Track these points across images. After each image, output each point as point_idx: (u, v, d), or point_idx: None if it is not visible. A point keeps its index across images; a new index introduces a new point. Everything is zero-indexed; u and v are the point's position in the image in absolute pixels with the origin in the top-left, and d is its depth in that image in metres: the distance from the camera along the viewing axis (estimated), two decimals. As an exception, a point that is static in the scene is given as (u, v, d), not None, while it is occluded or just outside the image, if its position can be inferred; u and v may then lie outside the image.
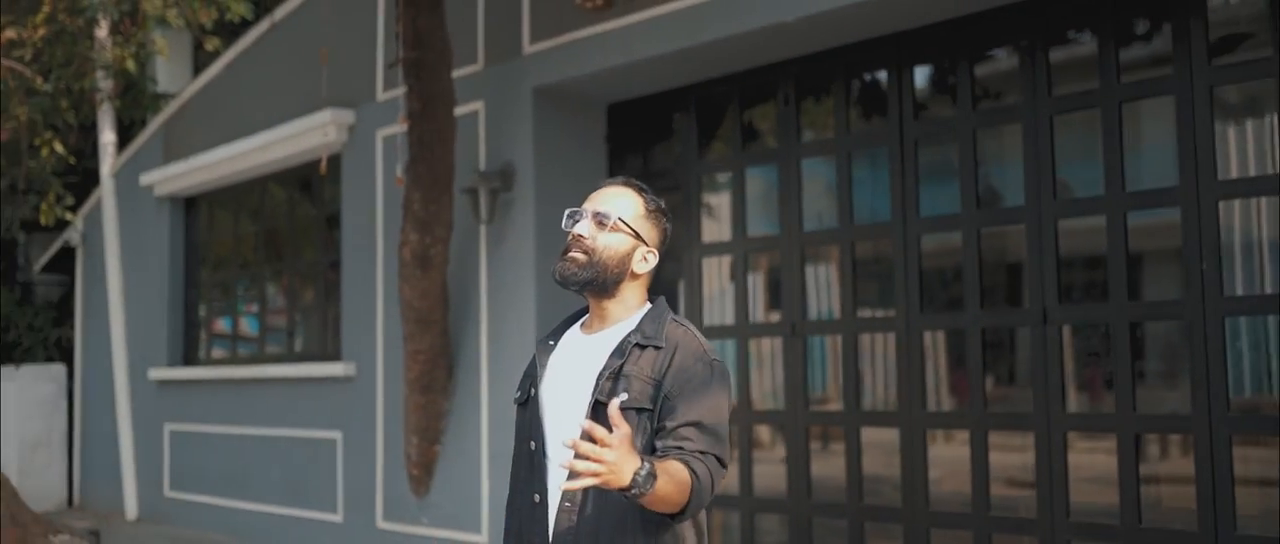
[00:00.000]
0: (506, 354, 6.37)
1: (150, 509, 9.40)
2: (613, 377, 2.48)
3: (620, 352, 2.52)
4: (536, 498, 2.55)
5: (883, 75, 5.63)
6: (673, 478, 2.31)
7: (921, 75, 5.58)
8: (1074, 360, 5.16)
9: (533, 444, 2.58)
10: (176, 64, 10.50)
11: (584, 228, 2.59)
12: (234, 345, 9.26)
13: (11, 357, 11.02)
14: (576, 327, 2.71)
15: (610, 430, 2.23)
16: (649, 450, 2.45)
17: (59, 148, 9.34)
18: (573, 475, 2.20)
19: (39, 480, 10.45)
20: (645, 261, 2.61)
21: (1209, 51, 4.56)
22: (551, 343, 2.67)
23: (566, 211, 2.64)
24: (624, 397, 2.43)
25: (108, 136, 9.83)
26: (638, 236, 2.60)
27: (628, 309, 2.61)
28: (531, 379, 2.65)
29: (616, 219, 2.58)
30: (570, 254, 2.58)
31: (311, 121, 7.59)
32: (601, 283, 2.57)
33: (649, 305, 2.64)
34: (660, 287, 6.47)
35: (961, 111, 5.30)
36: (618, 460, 2.19)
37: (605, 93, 6.55)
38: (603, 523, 2.46)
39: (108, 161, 9.81)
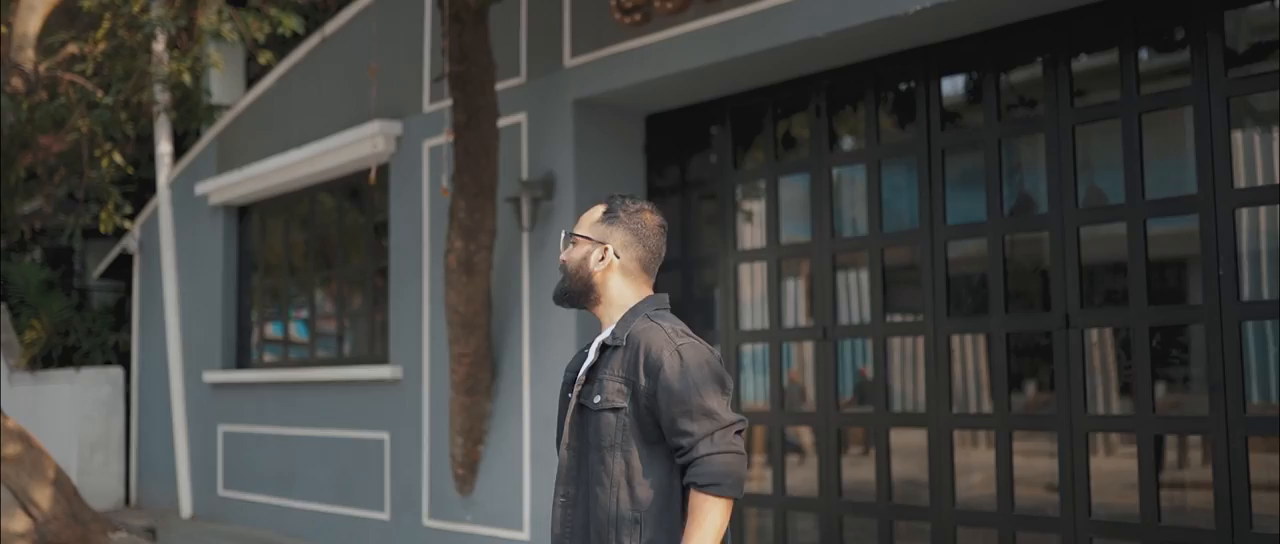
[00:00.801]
0: (548, 357, 6.59)
1: (204, 508, 9.71)
2: (589, 379, 2.68)
3: (594, 354, 2.71)
4: (562, 497, 2.74)
5: (911, 87, 5.81)
6: (705, 523, 2.50)
7: (948, 87, 5.75)
8: (1102, 363, 5.30)
9: (560, 446, 2.77)
10: (230, 77, 10.84)
11: (563, 254, 2.83)
12: (285, 349, 9.55)
13: (71, 360, 11.39)
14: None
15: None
16: (641, 438, 2.60)
17: (118, 158, 9.69)
18: None
19: (98, 480, 10.81)
20: (602, 261, 2.75)
21: (1226, 64, 4.71)
22: (586, 350, 2.84)
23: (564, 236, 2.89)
24: (598, 398, 2.63)
25: (164, 147, 10.16)
26: (590, 240, 2.77)
27: (617, 312, 2.76)
28: (567, 383, 2.85)
29: (572, 234, 2.81)
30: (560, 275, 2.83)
31: (360, 133, 7.86)
32: (576, 293, 2.78)
33: (642, 312, 2.74)
34: (692, 290, 6.69)
35: (987, 122, 5.46)
36: None
37: (643, 104, 6.76)
38: (591, 521, 2.63)
39: (164, 171, 10.14)
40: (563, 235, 2.84)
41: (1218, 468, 4.65)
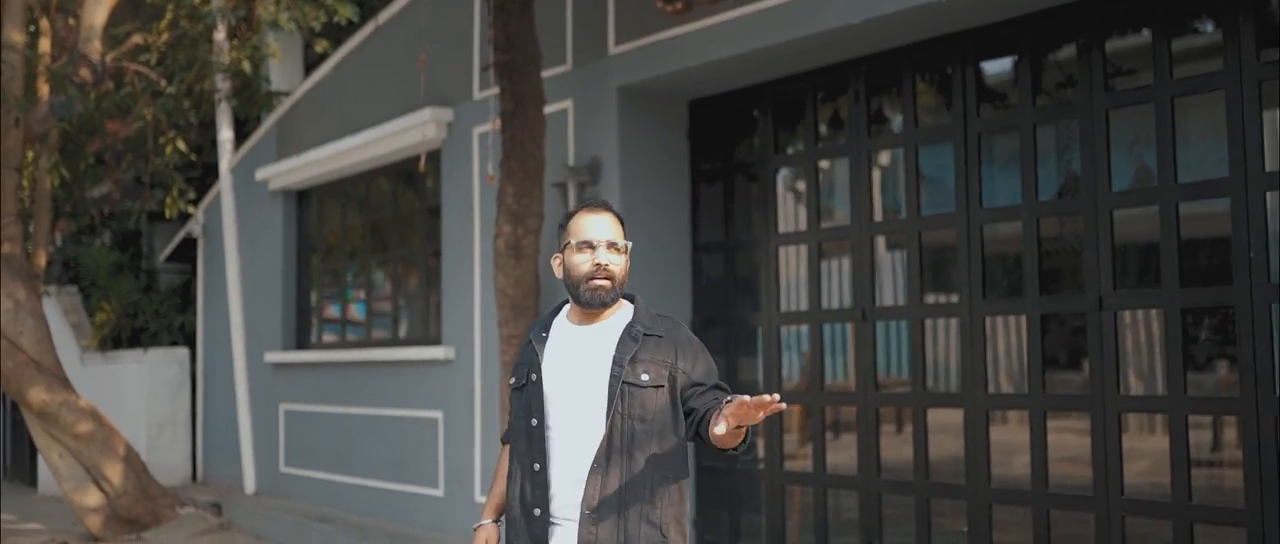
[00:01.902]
0: (593, 338, 6.74)
1: (267, 484, 10.03)
2: (634, 360, 2.97)
3: (633, 339, 3.00)
4: (536, 467, 3.02)
5: (948, 71, 5.88)
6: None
7: (984, 71, 5.81)
8: (1131, 344, 5.35)
9: (534, 421, 3.03)
10: (289, 65, 11.12)
11: (606, 256, 3.02)
12: (343, 330, 9.83)
13: (139, 341, 11.77)
14: (562, 320, 3.15)
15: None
16: (673, 412, 2.98)
17: (181, 145, 10.02)
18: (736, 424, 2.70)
19: (166, 457, 11.19)
20: (627, 270, 3.10)
21: (1259, 47, 4.74)
22: (545, 335, 3.12)
23: (573, 241, 3.04)
24: (645, 377, 2.95)
25: (225, 134, 10.45)
26: (626, 252, 3.08)
27: (613, 306, 3.09)
28: (530, 366, 3.09)
29: (625, 244, 3.06)
30: (597, 282, 3.02)
31: (413, 120, 8.06)
32: (614, 300, 3.06)
33: (626, 301, 3.12)
34: (734, 273, 6.82)
35: (1022, 105, 5.53)
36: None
37: (686, 90, 6.90)
38: (630, 482, 2.92)
39: (226, 157, 10.44)
40: (606, 244, 3.01)
41: (1248, 448, 4.71)
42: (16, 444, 12.76)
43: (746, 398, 2.65)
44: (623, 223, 3.09)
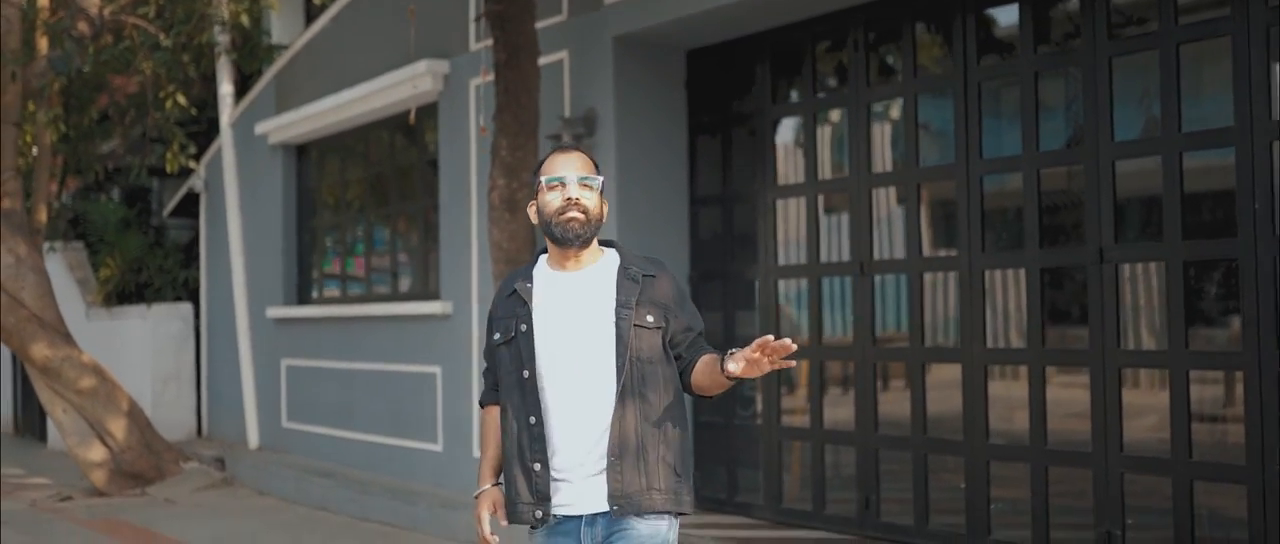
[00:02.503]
0: (589, 293, 6.67)
1: (270, 438, 10.03)
2: (639, 302, 2.92)
3: (633, 280, 2.96)
4: (532, 420, 2.93)
5: (949, 20, 5.73)
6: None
7: (985, 19, 5.66)
8: (1135, 298, 5.23)
9: (526, 373, 2.94)
10: (290, 17, 11.00)
11: (576, 191, 2.94)
12: (344, 285, 9.78)
13: (144, 297, 11.76)
14: (541, 269, 3.06)
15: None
16: (665, 356, 2.95)
17: (181, 100, 9.92)
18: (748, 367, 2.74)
19: (171, 412, 11.21)
20: (605, 210, 3.03)
21: (1267, -8, 4.59)
22: (528, 285, 3.02)
23: (543, 180, 2.97)
24: (650, 318, 2.91)
25: (226, 88, 10.36)
26: (599, 192, 3.00)
27: (594, 250, 3.03)
28: (517, 318, 3.00)
29: (597, 181, 2.98)
30: (571, 215, 2.94)
31: (409, 72, 7.95)
32: (590, 235, 2.98)
33: (607, 246, 3.06)
34: (732, 226, 6.72)
35: (1023, 54, 5.39)
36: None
37: (684, 40, 6.76)
38: (647, 426, 2.89)
39: (226, 112, 10.35)
40: (576, 180, 2.94)
41: (1249, 404, 4.60)
42: (27, 399, 12.79)
43: (770, 338, 2.64)
44: (596, 165, 3.03)
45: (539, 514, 2.91)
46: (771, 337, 2.64)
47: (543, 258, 3.06)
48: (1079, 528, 5.21)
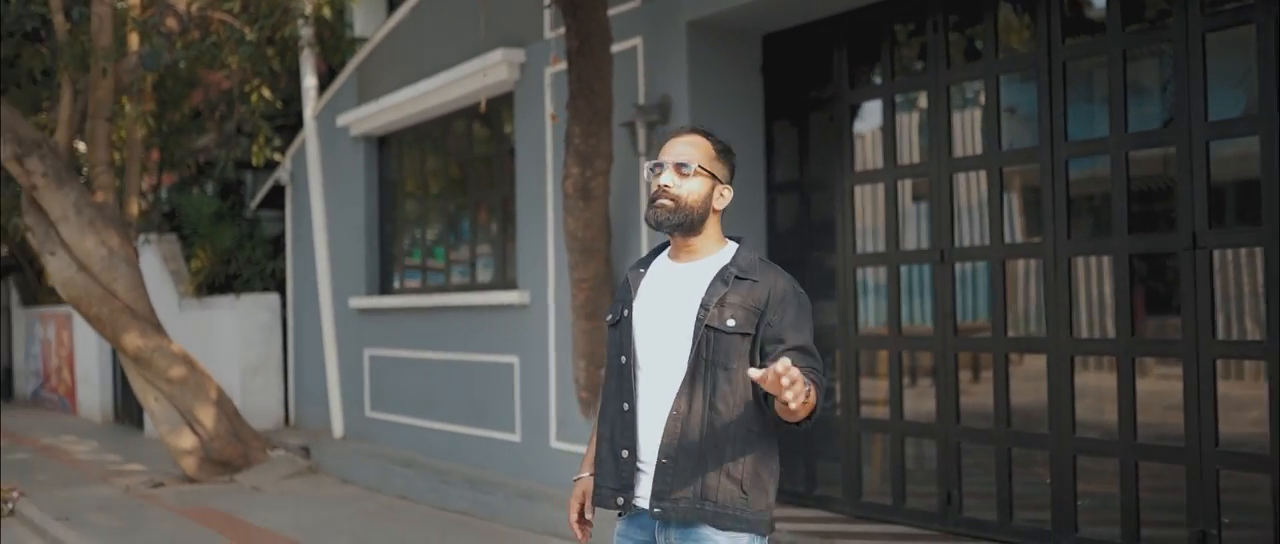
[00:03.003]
0: (664, 282, 6.58)
1: (354, 428, 10.13)
2: (720, 303, 2.78)
3: (723, 281, 2.82)
4: (625, 407, 2.87)
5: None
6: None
7: (1071, -3, 5.45)
8: (1232, 286, 4.99)
9: (624, 358, 2.89)
10: (372, 9, 11.08)
11: (668, 178, 2.85)
12: (424, 275, 9.82)
13: (232, 288, 11.97)
14: (663, 256, 2.99)
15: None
16: (748, 362, 2.77)
17: (267, 93, 10.05)
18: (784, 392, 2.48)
19: (259, 401, 11.39)
20: (722, 198, 2.90)
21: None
22: (642, 271, 2.98)
23: (648, 165, 2.90)
24: (732, 323, 2.76)
25: (309, 81, 10.47)
26: (713, 177, 2.87)
27: (711, 242, 2.91)
28: (624, 302, 2.94)
29: (696, 167, 2.85)
30: (659, 202, 2.85)
31: (485, 61, 7.93)
32: (689, 223, 2.86)
33: (731, 241, 2.93)
34: (810, 213, 6.58)
35: (1111, 33, 5.16)
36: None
37: (760, 24, 6.63)
38: (711, 434, 2.76)
39: (310, 105, 10.47)
40: (671, 164, 2.85)
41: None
42: (125, 388, 13.12)
43: (781, 368, 2.41)
44: (719, 148, 2.89)
45: (620, 501, 2.86)
46: (783, 367, 2.43)
47: (670, 245, 2.99)
48: (1172, 526, 4.99)
